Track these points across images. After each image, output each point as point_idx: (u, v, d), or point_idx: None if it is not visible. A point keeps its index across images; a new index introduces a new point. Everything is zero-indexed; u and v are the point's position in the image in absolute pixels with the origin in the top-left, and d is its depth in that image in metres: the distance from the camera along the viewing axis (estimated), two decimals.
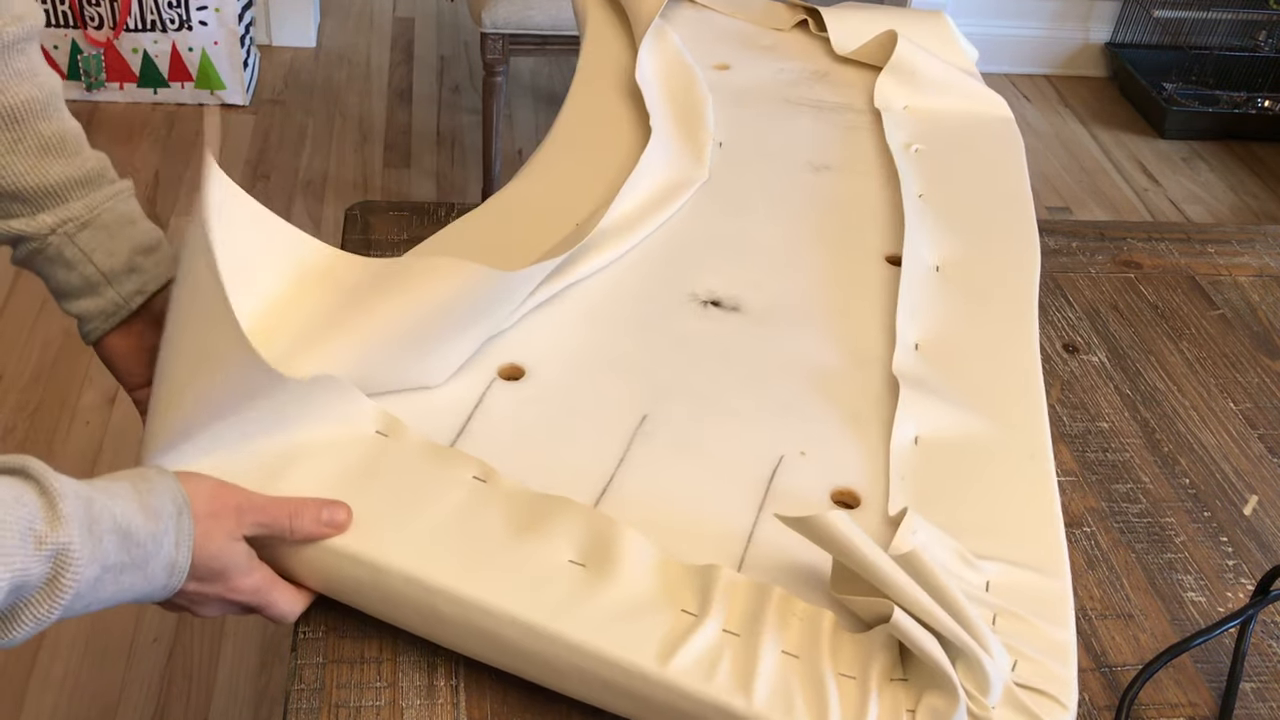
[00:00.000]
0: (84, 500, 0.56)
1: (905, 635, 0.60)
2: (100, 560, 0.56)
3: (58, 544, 0.54)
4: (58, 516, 0.54)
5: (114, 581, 0.58)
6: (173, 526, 0.60)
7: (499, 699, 0.66)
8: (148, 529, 0.59)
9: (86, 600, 0.57)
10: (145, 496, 0.60)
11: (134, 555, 0.58)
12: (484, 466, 0.69)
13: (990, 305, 0.90)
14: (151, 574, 0.60)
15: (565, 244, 0.86)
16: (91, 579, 0.56)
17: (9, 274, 2.10)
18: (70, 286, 0.77)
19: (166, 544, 0.60)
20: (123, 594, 0.59)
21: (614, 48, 1.13)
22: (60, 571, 0.54)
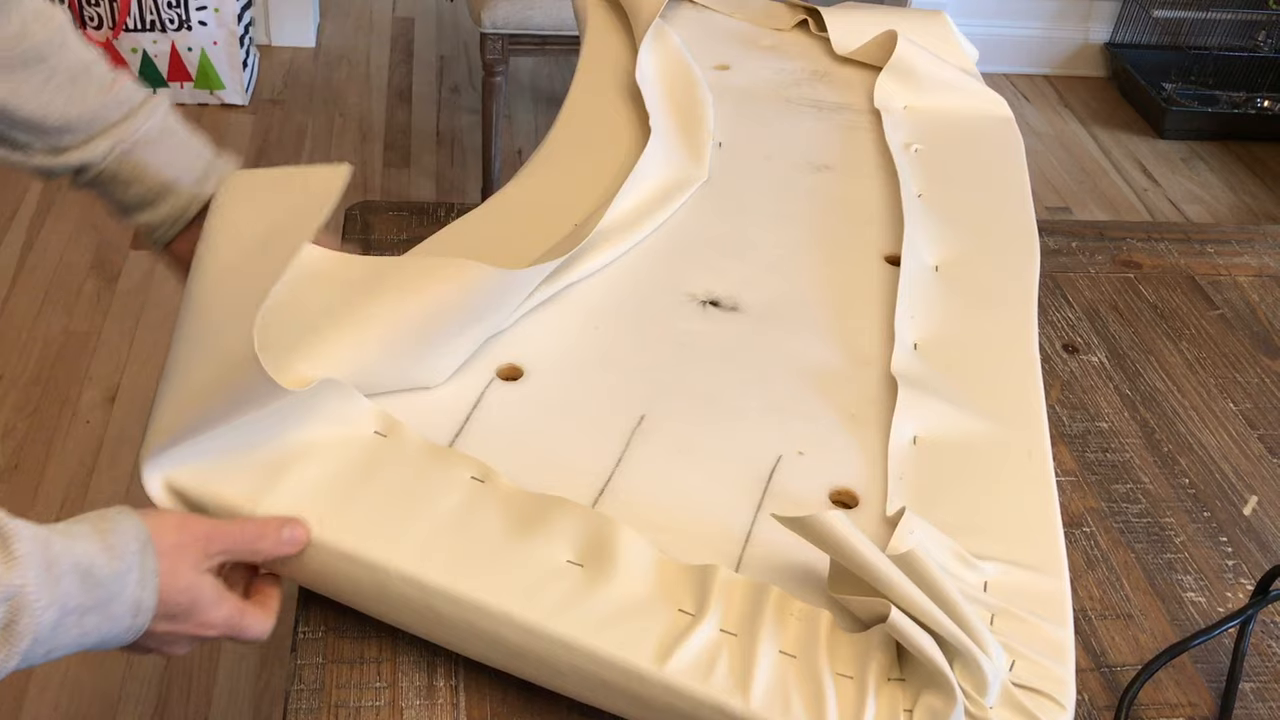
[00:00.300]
0: (41, 541, 0.54)
1: (903, 635, 0.60)
2: (60, 602, 0.54)
3: (12, 586, 0.52)
4: (12, 557, 0.52)
5: (76, 625, 0.56)
6: (136, 564, 0.58)
7: (499, 699, 0.66)
8: (110, 568, 0.57)
9: (47, 646, 0.55)
10: (106, 535, 0.58)
11: (96, 596, 0.56)
12: (482, 467, 0.69)
13: (990, 305, 0.90)
14: (116, 615, 0.58)
15: (565, 244, 0.86)
16: (50, 623, 0.54)
17: (9, 274, 2.10)
18: (131, 202, 0.81)
19: (130, 582, 0.58)
20: (86, 638, 0.57)
21: (614, 48, 1.13)
22: (16, 616, 0.52)
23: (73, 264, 2.14)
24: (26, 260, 2.14)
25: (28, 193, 2.30)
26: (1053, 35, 3.04)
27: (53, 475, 1.74)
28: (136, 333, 2.01)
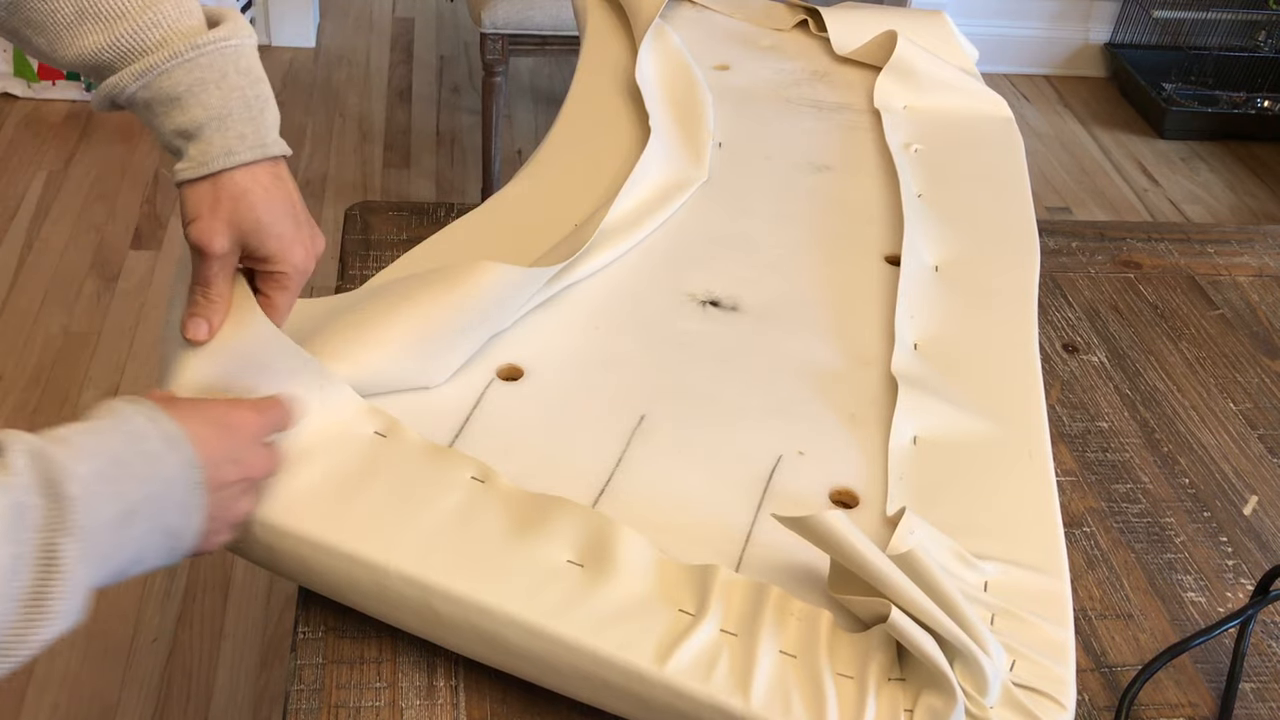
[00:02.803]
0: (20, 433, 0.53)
1: (903, 635, 0.60)
2: (86, 454, 0.53)
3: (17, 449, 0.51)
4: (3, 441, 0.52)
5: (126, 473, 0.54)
6: (133, 410, 0.57)
7: (498, 699, 0.66)
8: (107, 421, 0.56)
9: (116, 503, 0.53)
10: (87, 415, 0.57)
11: (116, 440, 0.55)
12: (482, 467, 0.69)
13: (990, 305, 0.90)
14: (156, 453, 0.56)
15: (565, 244, 0.86)
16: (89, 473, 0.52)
17: (9, 274, 2.10)
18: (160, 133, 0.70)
19: (140, 422, 0.57)
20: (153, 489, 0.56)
21: (614, 48, 1.13)
22: (44, 466, 0.51)
23: (73, 264, 2.14)
24: (26, 260, 2.14)
25: (28, 192, 2.30)
26: (1053, 35, 3.04)
27: None
28: (136, 333, 2.01)
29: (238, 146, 0.67)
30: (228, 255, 0.68)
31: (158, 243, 2.21)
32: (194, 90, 0.66)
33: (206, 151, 0.67)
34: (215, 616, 1.57)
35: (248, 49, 0.69)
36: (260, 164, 0.68)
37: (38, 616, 0.50)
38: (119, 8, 0.66)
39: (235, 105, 0.68)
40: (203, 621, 1.57)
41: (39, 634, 0.51)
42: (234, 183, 0.67)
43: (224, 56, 0.67)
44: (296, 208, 0.70)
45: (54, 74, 2.54)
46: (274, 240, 0.68)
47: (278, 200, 0.68)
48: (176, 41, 0.66)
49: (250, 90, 0.68)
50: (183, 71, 0.66)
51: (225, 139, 0.67)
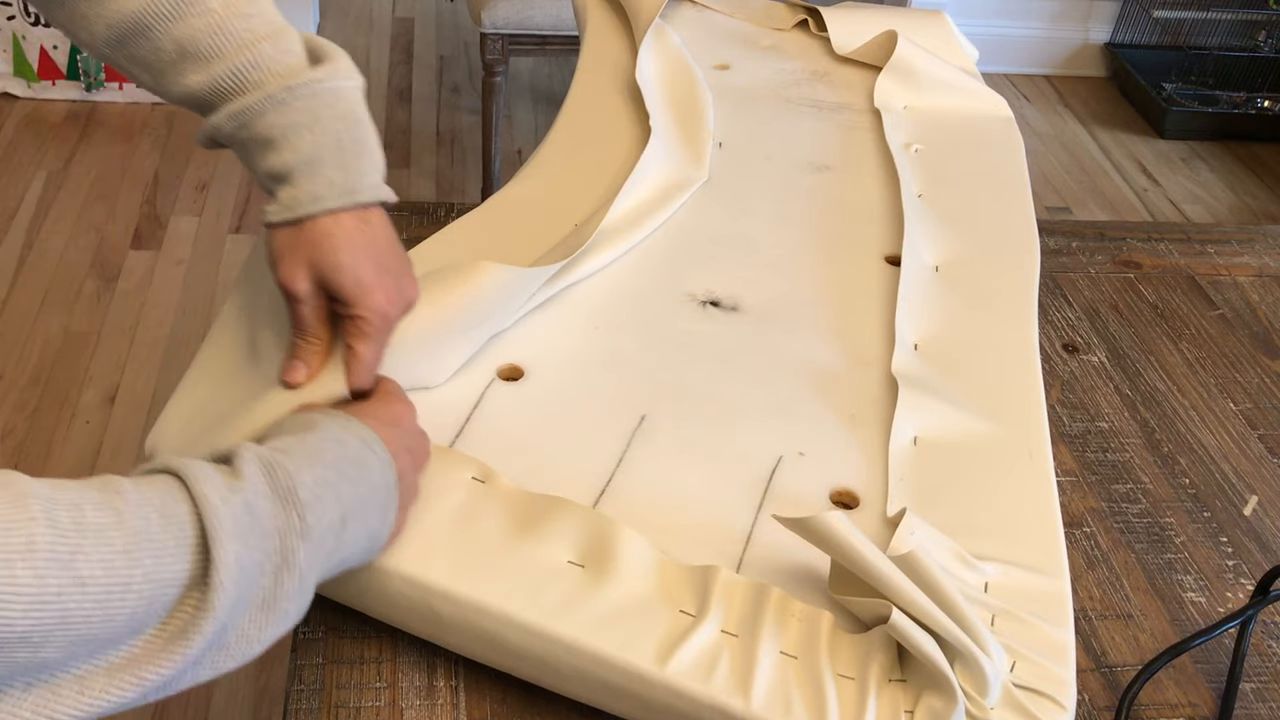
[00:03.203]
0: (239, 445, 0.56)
1: (903, 636, 0.60)
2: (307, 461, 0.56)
3: (248, 459, 0.54)
4: (232, 451, 0.55)
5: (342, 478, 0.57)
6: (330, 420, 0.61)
7: (499, 699, 0.66)
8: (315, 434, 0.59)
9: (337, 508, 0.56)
10: (288, 427, 0.61)
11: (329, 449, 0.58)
12: (483, 467, 0.69)
13: (990, 305, 0.90)
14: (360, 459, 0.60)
15: (565, 244, 0.86)
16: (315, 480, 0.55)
17: (9, 274, 2.10)
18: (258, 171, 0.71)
19: (340, 431, 0.60)
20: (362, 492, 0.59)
21: (614, 48, 1.13)
22: (273, 475, 0.54)
23: (73, 264, 2.14)
24: (26, 260, 2.14)
25: (28, 193, 2.30)
26: (1053, 35, 3.04)
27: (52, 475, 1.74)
28: (136, 333, 2.01)
29: (325, 193, 0.67)
30: (311, 298, 0.68)
31: (158, 243, 2.21)
32: (286, 133, 0.66)
33: (295, 196, 0.67)
34: None
35: (347, 91, 0.68)
36: (347, 211, 0.68)
37: (270, 617, 0.53)
38: (218, 47, 0.66)
39: (327, 150, 0.67)
40: None
41: (268, 633, 0.53)
42: (316, 228, 0.67)
43: (319, 99, 0.67)
44: (381, 253, 0.69)
45: (54, 74, 2.54)
46: (352, 284, 0.67)
47: (359, 244, 0.68)
48: (271, 83, 0.66)
49: (346, 134, 0.68)
50: (276, 114, 0.66)
51: (314, 184, 0.67)
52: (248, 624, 0.52)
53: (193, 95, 0.67)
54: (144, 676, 0.49)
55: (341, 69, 0.68)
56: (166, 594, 0.49)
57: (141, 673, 0.49)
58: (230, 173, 2.41)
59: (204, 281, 2.13)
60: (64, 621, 0.45)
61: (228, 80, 0.66)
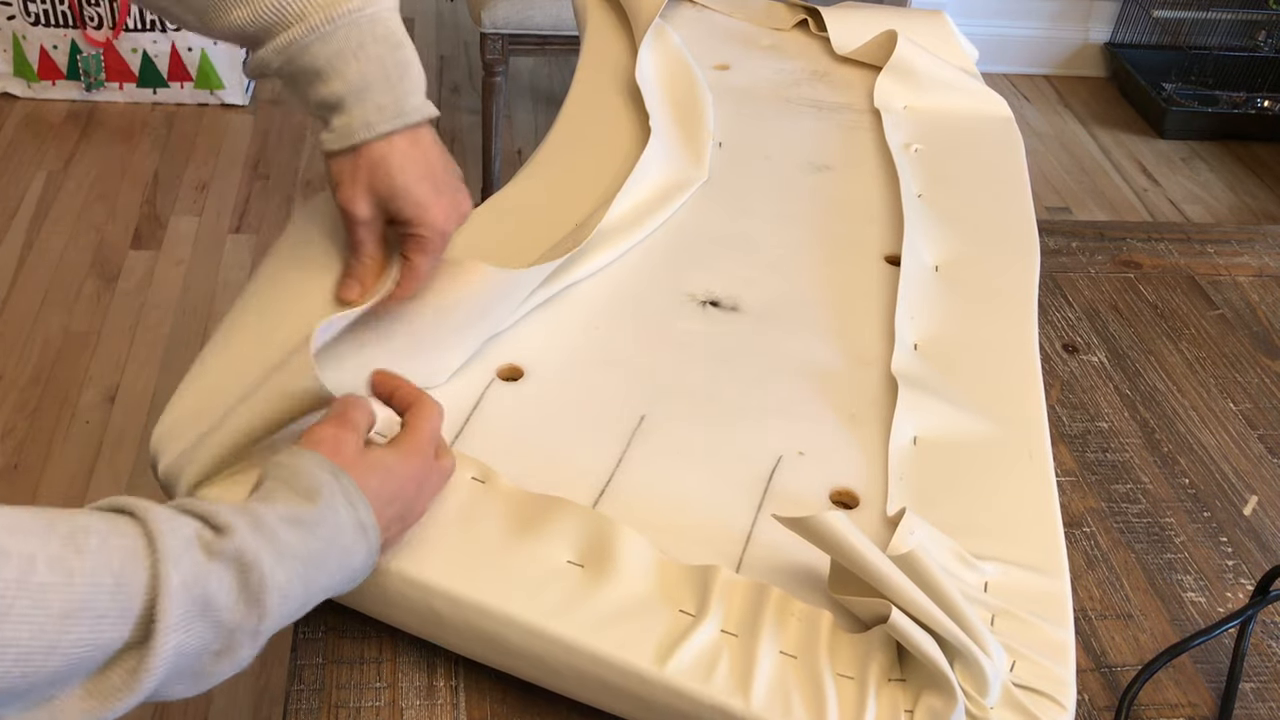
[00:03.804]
0: (240, 509, 0.54)
1: (903, 636, 0.60)
2: (288, 554, 0.54)
3: (229, 551, 0.52)
4: (221, 529, 0.53)
5: (318, 570, 0.56)
6: (337, 489, 0.58)
7: (498, 699, 0.66)
8: (315, 509, 0.57)
9: (299, 601, 0.55)
10: (294, 482, 0.58)
11: (319, 536, 0.56)
12: (482, 467, 0.69)
13: (990, 305, 0.90)
14: (349, 547, 0.58)
15: (565, 244, 0.86)
16: (288, 577, 0.54)
17: (9, 274, 2.10)
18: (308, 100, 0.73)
19: (340, 508, 0.58)
20: (335, 579, 0.58)
21: (614, 48, 1.13)
22: (246, 576, 0.52)
23: (73, 264, 2.14)
24: (26, 260, 2.14)
25: (28, 193, 2.30)
26: (1053, 35, 3.04)
27: (53, 475, 1.74)
28: (136, 333, 2.01)
29: (376, 118, 0.70)
30: (371, 220, 0.72)
31: (157, 243, 2.21)
32: (333, 63, 0.69)
33: (348, 124, 0.70)
34: None
35: (385, 14, 0.71)
36: (399, 133, 0.71)
37: (199, 683, 0.53)
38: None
39: (374, 76, 0.70)
40: None
41: (193, 692, 0.53)
42: (373, 152, 0.70)
43: (360, 27, 0.69)
44: (436, 171, 0.72)
45: (54, 74, 2.54)
46: (411, 204, 0.71)
47: (414, 165, 0.71)
48: (314, 15, 0.68)
49: (389, 58, 0.70)
50: (321, 45, 0.69)
51: (364, 111, 0.70)
52: (176, 685, 0.52)
53: (237, 30, 0.70)
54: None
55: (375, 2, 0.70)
56: (94, 656, 0.48)
57: (56, 716, 0.49)
58: (230, 173, 2.41)
59: (204, 281, 2.13)
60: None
61: (271, 14, 0.68)
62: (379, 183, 0.70)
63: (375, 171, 0.70)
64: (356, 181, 0.71)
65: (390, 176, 0.70)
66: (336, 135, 0.70)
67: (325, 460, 0.59)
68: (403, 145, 0.71)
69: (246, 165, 2.45)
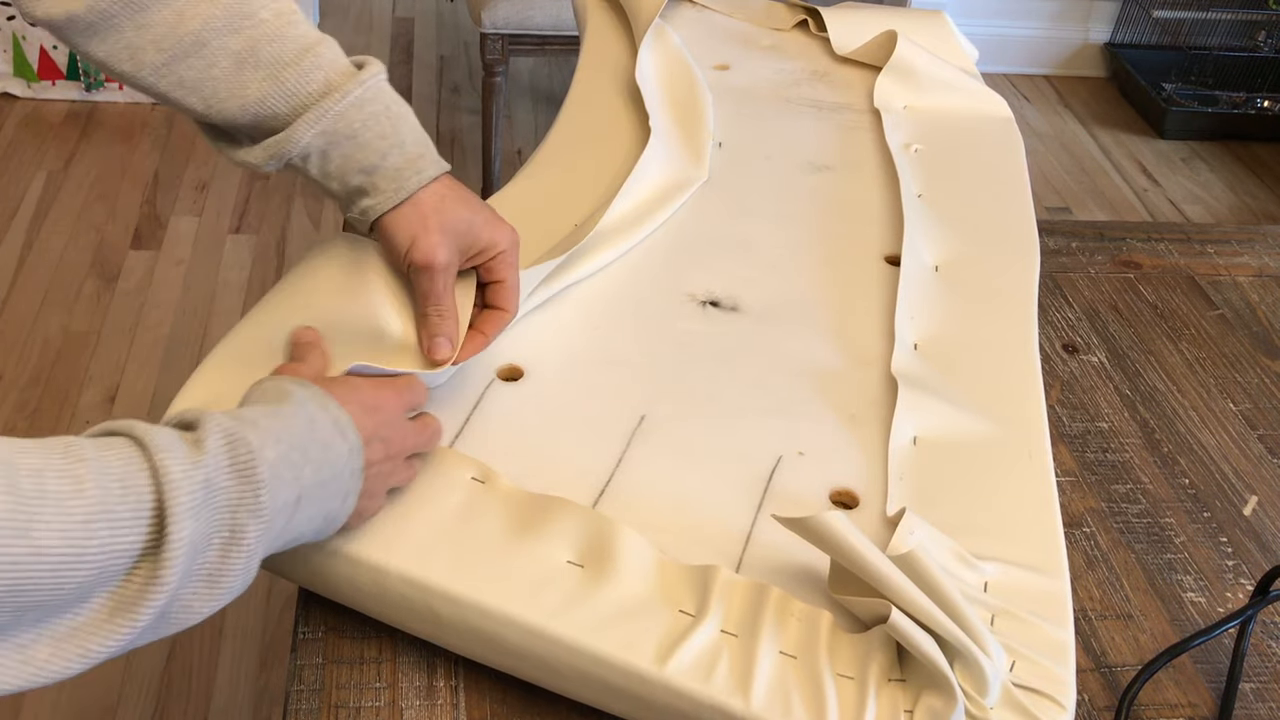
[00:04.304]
0: (212, 412, 0.55)
1: (903, 636, 0.60)
2: (271, 438, 0.55)
3: (212, 430, 0.53)
4: (199, 420, 0.54)
5: (304, 459, 0.56)
6: (305, 395, 0.59)
7: (498, 699, 0.66)
8: (287, 406, 0.58)
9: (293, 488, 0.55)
10: (260, 396, 0.59)
11: (296, 427, 0.57)
12: (482, 467, 0.69)
13: (990, 305, 0.90)
14: (327, 442, 0.58)
15: (565, 244, 0.86)
16: (275, 459, 0.54)
17: (9, 274, 2.10)
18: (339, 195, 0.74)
19: (313, 408, 0.59)
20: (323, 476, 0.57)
21: (614, 48, 1.13)
22: (235, 450, 0.53)
23: (73, 264, 2.14)
24: (26, 260, 2.14)
25: (28, 193, 2.30)
26: (1053, 35, 3.04)
27: None
28: (136, 333, 2.01)
29: (422, 166, 0.72)
30: (451, 265, 0.73)
31: (157, 243, 2.22)
32: (369, 125, 0.71)
33: (398, 178, 0.71)
34: (215, 617, 1.57)
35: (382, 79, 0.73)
36: (438, 179, 0.73)
37: (214, 590, 0.53)
38: (281, 55, 0.69)
39: (406, 131, 0.72)
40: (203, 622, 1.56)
41: (210, 605, 0.53)
42: (429, 197, 0.72)
43: (381, 89, 0.72)
44: (477, 203, 0.75)
45: (54, 74, 2.54)
46: (485, 229, 0.73)
47: (467, 199, 0.74)
48: (343, 83, 0.70)
49: (406, 117, 0.73)
50: (355, 110, 0.70)
51: (410, 162, 0.72)
52: (191, 595, 0.52)
53: (253, 106, 0.69)
54: (89, 648, 0.49)
55: (376, 61, 0.73)
56: (118, 564, 0.49)
57: (87, 644, 0.49)
58: (230, 173, 2.41)
59: (204, 281, 2.13)
60: (15, 589, 0.45)
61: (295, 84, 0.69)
62: (451, 222, 0.72)
63: (443, 214, 0.72)
64: (429, 229, 0.71)
65: (456, 212, 0.72)
66: (388, 193, 0.71)
67: (288, 378, 0.61)
68: (446, 186, 0.73)
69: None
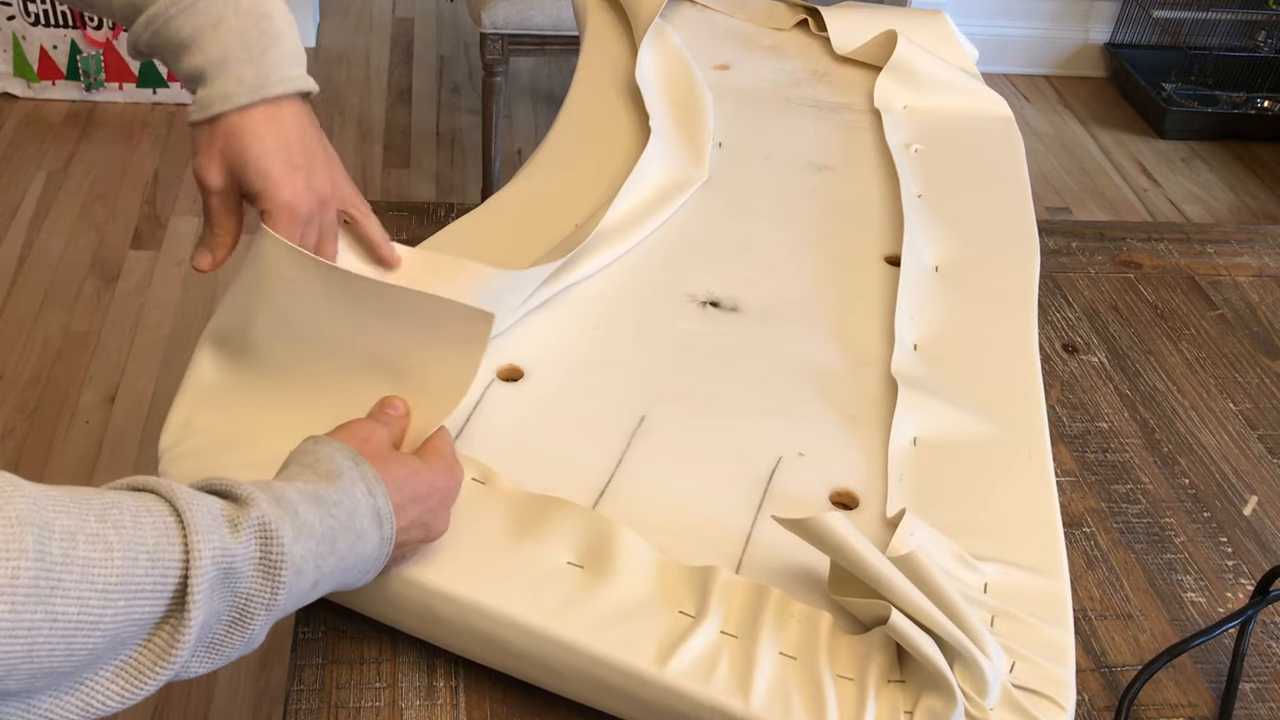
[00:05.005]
0: (262, 485, 0.55)
1: (903, 637, 0.60)
2: (305, 530, 0.55)
3: (252, 519, 0.53)
4: (241, 499, 0.54)
5: (330, 551, 0.56)
6: (357, 476, 0.59)
7: (498, 699, 0.66)
8: (335, 488, 0.58)
9: (312, 578, 0.56)
10: (316, 466, 0.59)
11: (336, 516, 0.57)
12: (482, 468, 0.69)
13: (989, 305, 0.90)
14: (362, 530, 0.58)
15: (565, 244, 0.86)
16: (303, 553, 0.55)
17: (9, 274, 2.10)
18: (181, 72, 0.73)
19: (359, 494, 0.58)
20: (345, 563, 0.58)
21: (614, 48, 1.13)
22: (268, 547, 0.53)
23: (73, 264, 2.14)
24: (26, 260, 2.14)
25: (28, 193, 2.30)
26: (1053, 35, 3.04)
27: (53, 475, 1.74)
28: (136, 333, 2.01)
29: (235, 90, 0.70)
30: (224, 191, 0.71)
31: (157, 243, 2.21)
32: (194, 36, 0.70)
33: (208, 96, 0.70)
34: None
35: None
36: (257, 106, 0.71)
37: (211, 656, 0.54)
38: None
39: (233, 48, 0.70)
40: None
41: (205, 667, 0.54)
42: (227, 125, 0.70)
43: (221, 1, 0.70)
44: (292, 149, 0.72)
45: (54, 74, 2.54)
46: (259, 177, 0.70)
47: (269, 140, 0.71)
48: None
49: (252, 30, 0.71)
50: (184, 19, 0.70)
51: (225, 83, 0.70)
52: (192, 660, 0.53)
53: (116, 9, 0.72)
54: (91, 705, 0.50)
55: None
56: (129, 632, 0.49)
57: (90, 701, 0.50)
58: None
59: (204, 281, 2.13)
60: (30, 655, 0.46)
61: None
62: (231, 154, 0.70)
63: (229, 143, 0.70)
64: (211, 153, 0.71)
65: (242, 149, 0.70)
66: (197, 107, 0.71)
67: (347, 448, 0.61)
68: (260, 119, 0.71)
69: None
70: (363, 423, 0.65)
